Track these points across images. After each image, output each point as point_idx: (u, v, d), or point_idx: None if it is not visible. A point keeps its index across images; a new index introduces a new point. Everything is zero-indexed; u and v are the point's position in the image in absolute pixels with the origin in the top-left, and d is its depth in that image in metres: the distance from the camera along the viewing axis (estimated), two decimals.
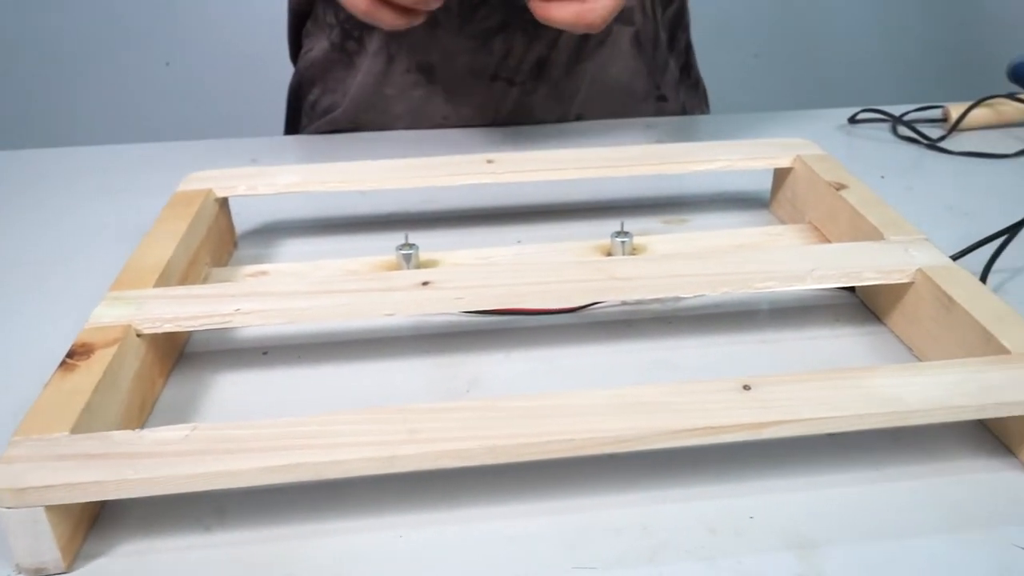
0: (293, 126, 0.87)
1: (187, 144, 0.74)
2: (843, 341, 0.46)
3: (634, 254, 0.52)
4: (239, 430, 0.33)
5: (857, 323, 0.47)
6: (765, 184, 0.62)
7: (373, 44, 0.76)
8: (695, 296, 0.43)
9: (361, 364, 0.45)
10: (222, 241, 0.55)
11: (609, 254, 0.52)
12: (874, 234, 0.48)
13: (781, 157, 0.58)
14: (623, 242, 0.51)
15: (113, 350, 0.38)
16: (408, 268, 0.50)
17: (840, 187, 0.52)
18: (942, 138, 0.73)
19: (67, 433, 0.34)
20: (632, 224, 0.56)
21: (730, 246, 0.53)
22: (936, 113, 0.78)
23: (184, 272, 0.48)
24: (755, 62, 1.66)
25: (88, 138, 0.81)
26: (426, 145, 0.73)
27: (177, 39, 1.65)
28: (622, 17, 0.77)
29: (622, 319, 0.48)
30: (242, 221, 0.60)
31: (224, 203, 0.56)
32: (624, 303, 0.49)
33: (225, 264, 0.55)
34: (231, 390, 0.43)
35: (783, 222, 0.59)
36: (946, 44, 1.96)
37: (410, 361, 0.45)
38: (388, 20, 0.57)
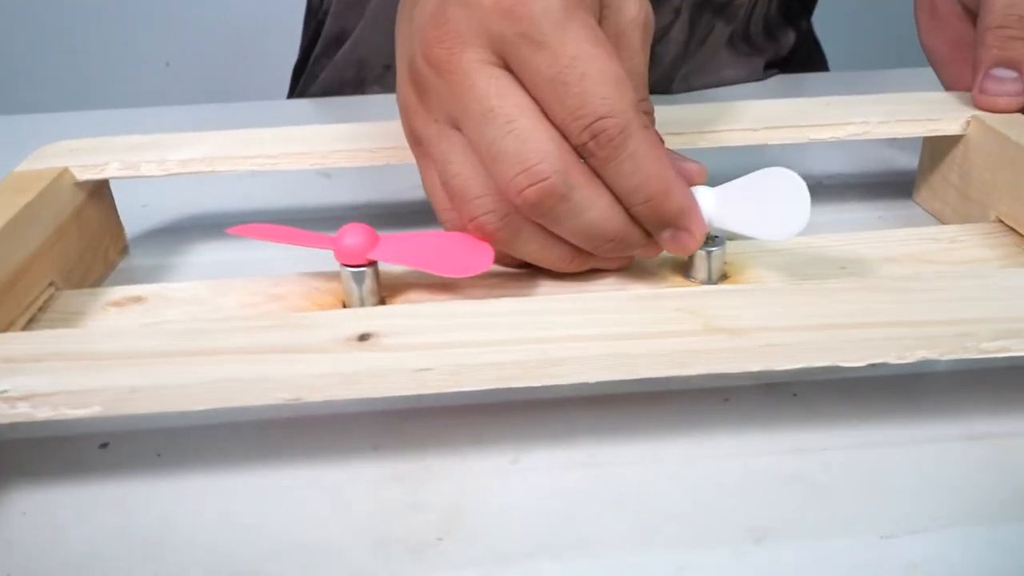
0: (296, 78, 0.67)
1: (68, 116, 0.55)
2: None
3: (725, 277, 0.32)
4: None
5: None
6: (888, 161, 0.42)
7: None
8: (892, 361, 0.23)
9: (251, 470, 0.26)
10: (92, 248, 0.36)
11: (687, 275, 0.32)
12: None
13: (945, 119, 0.37)
14: (710, 252, 0.31)
15: None
16: (359, 297, 0.30)
17: None
18: None
19: None
20: None
21: (879, 260, 0.33)
22: None
23: None
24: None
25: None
26: None
27: (177, 39, 1.60)
28: (725, 15, 0.59)
29: (709, 387, 0.29)
30: (144, 216, 0.41)
31: (100, 189, 0.37)
32: None
33: (92, 283, 0.36)
34: (46, 526, 0.24)
35: (940, 219, 0.39)
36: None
37: (339, 466, 0.26)
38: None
